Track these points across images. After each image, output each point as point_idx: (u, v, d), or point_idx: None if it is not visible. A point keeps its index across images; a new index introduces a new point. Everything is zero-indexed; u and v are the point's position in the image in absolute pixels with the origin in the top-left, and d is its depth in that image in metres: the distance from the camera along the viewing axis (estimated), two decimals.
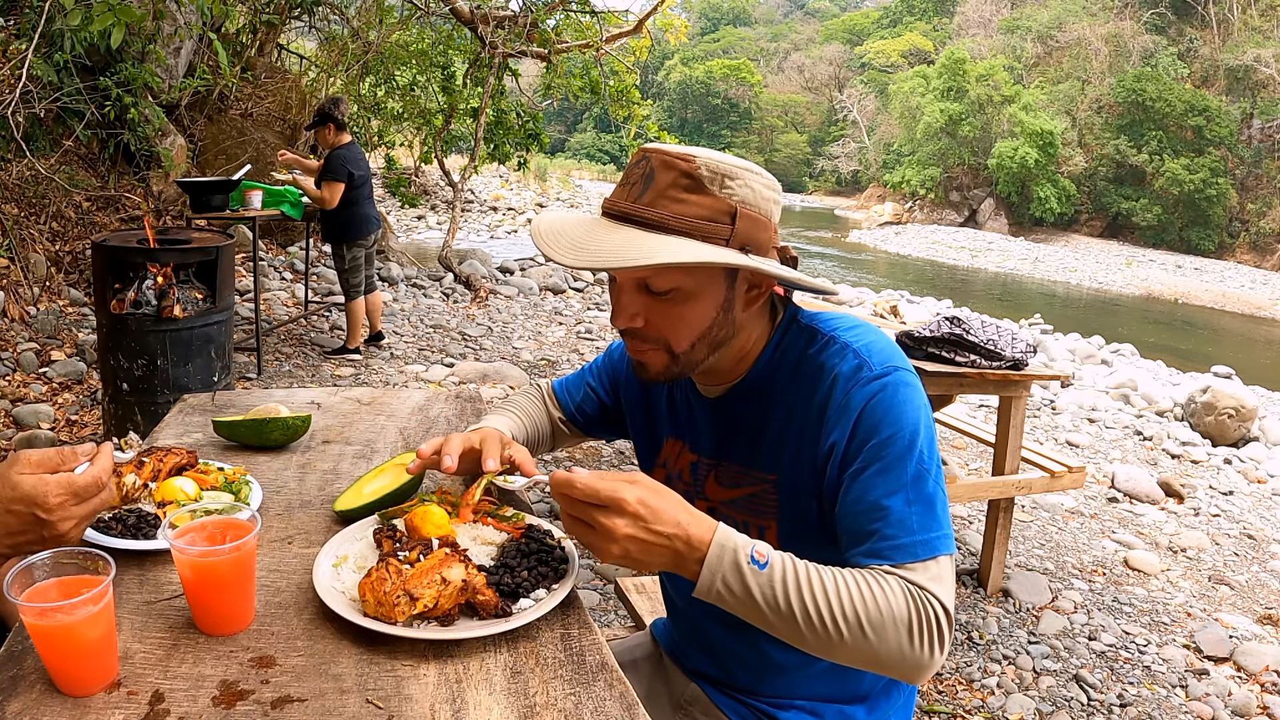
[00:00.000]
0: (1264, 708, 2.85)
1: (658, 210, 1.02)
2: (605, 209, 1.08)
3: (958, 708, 2.67)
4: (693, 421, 1.26)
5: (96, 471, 0.95)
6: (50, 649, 0.85)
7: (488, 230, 18.72)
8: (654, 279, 1.04)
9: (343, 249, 5.66)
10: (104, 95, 6.28)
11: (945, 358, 3.05)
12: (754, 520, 1.16)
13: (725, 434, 1.20)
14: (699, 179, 1.02)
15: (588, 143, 50.15)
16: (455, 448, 1.21)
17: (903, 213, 35.40)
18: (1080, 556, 3.89)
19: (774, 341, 1.16)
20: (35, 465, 0.93)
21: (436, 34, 10.50)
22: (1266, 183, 29.22)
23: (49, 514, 0.92)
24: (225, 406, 1.72)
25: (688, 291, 1.05)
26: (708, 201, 1.02)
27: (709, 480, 1.22)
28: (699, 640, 1.32)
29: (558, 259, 1.02)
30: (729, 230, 1.02)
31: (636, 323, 1.08)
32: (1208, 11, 32.61)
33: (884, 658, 0.94)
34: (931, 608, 0.95)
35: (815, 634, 0.94)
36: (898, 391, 1.04)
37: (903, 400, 1.04)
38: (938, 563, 0.98)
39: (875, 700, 1.25)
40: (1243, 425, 6.34)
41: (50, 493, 0.92)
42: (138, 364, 3.55)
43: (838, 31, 52.73)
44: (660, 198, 1.02)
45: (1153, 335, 14.77)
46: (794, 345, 1.14)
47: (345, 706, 0.85)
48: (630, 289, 1.07)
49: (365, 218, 5.67)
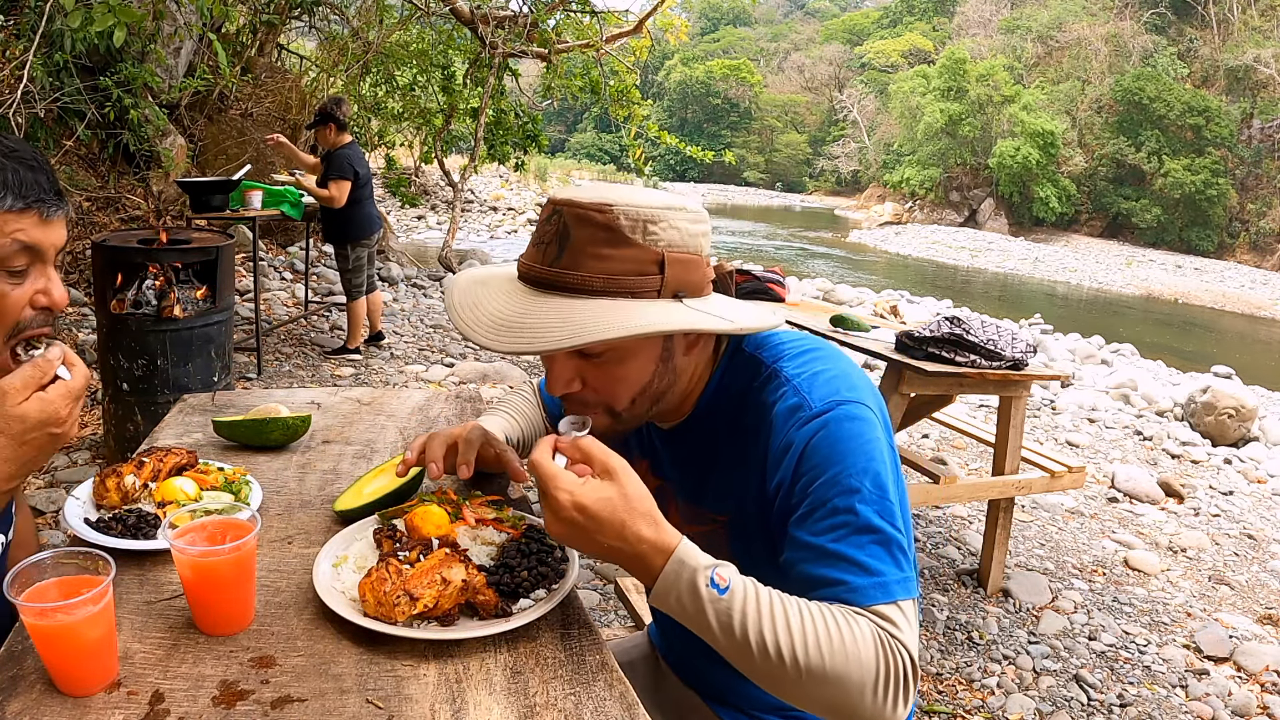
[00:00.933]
0: (1264, 708, 2.85)
1: (578, 273, 0.94)
2: (521, 273, 1.00)
3: (958, 708, 2.67)
4: (654, 447, 1.21)
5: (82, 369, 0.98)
6: (50, 649, 0.85)
7: (487, 230, 18.73)
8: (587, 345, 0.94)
9: (346, 249, 5.65)
10: (104, 95, 6.28)
11: (945, 358, 3.05)
12: None
13: (681, 468, 1.16)
14: (618, 230, 0.94)
15: (588, 143, 50.17)
16: (438, 452, 1.20)
17: (903, 213, 35.40)
18: (1080, 556, 3.89)
19: (717, 375, 1.09)
20: (22, 389, 0.95)
21: (436, 34, 10.49)
22: (1266, 183, 29.22)
23: (62, 426, 0.95)
24: (225, 406, 1.72)
25: (624, 351, 0.98)
26: (631, 253, 0.94)
27: (671, 508, 1.15)
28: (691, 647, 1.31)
29: (478, 340, 0.94)
30: (659, 280, 0.95)
31: (574, 387, 1.01)
32: (1208, 11, 32.61)
33: (840, 706, 0.86)
34: (900, 658, 0.86)
35: (770, 668, 0.86)
36: (840, 427, 0.95)
37: (846, 437, 0.95)
38: (899, 608, 0.90)
39: None
40: (1243, 425, 6.34)
41: (59, 408, 0.95)
42: (138, 364, 3.55)
43: (838, 31, 52.74)
44: (580, 256, 0.94)
45: (1153, 335, 14.77)
46: (736, 379, 1.07)
47: (345, 706, 0.85)
48: (562, 357, 1.00)
49: (368, 217, 5.67)
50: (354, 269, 5.70)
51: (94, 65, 6.30)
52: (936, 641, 3.02)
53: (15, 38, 5.41)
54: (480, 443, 1.23)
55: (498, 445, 1.25)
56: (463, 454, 1.20)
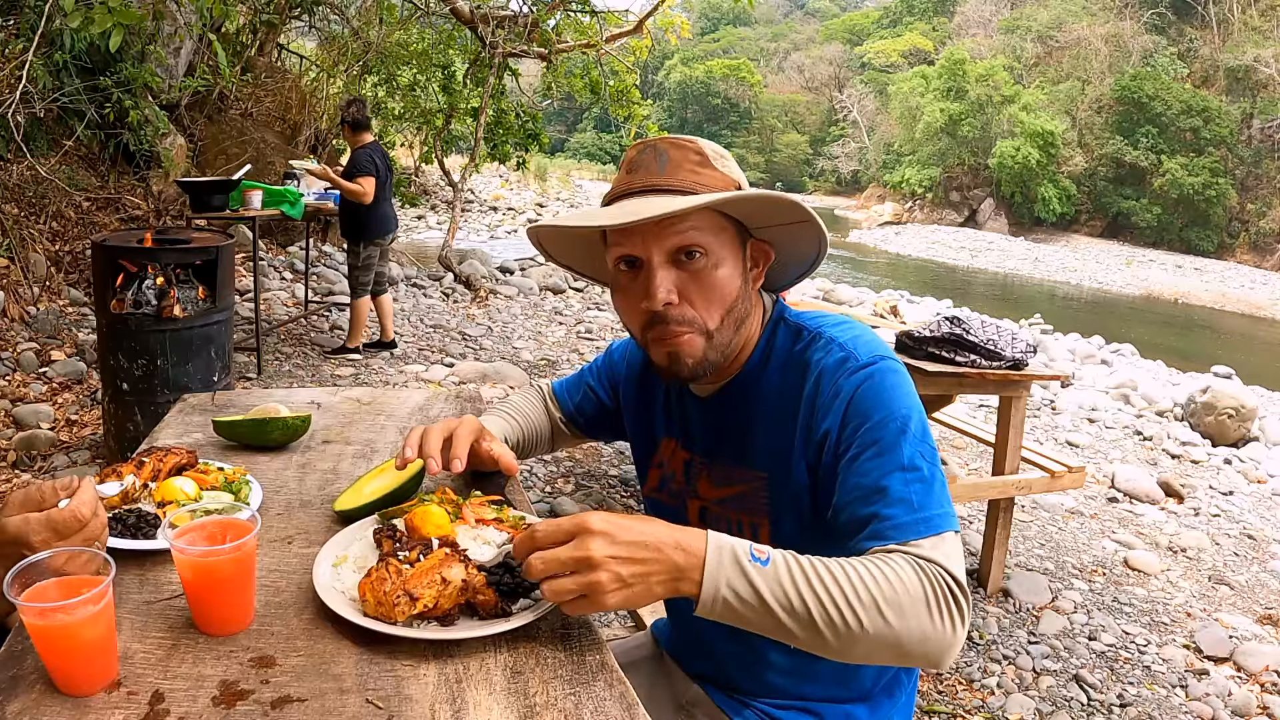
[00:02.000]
0: (1264, 708, 2.85)
1: (682, 181, 1.06)
2: (621, 191, 1.09)
3: (958, 708, 2.67)
4: (685, 420, 1.26)
5: (74, 505, 0.95)
6: (50, 649, 0.85)
7: (488, 230, 18.73)
8: (690, 240, 1.05)
9: (359, 246, 5.71)
10: (104, 95, 6.28)
11: (945, 358, 3.05)
12: (746, 518, 1.16)
13: (717, 433, 1.21)
14: (704, 155, 1.09)
15: (588, 143, 50.14)
16: (435, 447, 1.20)
17: (903, 213, 35.40)
18: (1080, 556, 3.89)
19: (764, 339, 1.17)
20: (18, 506, 0.94)
21: (437, 34, 10.50)
22: (1266, 183, 29.21)
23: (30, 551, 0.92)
24: (225, 406, 1.72)
25: (716, 257, 1.07)
26: (717, 175, 1.08)
27: (701, 479, 1.23)
28: (699, 643, 1.32)
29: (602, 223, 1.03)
30: None
31: (673, 296, 1.07)
32: (1207, 11, 32.60)
33: (907, 641, 0.90)
34: (943, 579, 0.92)
35: (835, 629, 0.88)
36: (885, 378, 1.05)
37: (891, 386, 1.04)
38: (942, 539, 0.96)
39: (877, 700, 1.24)
40: (1243, 425, 6.34)
41: (32, 531, 0.93)
42: (138, 364, 3.55)
43: (838, 31, 52.70)
44: (679, 170, 1.07)
45: (1153, 335, 14.76)
46: (781, 343, 1.16)
47: (345, 706, 0.85)
48: (664, 263, 1.06)
49: (385, 217, 5.78)
50: (363, 266, 5.76)
51: (94, 65, 6.30)
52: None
53: (15, 37, 5.41)
54: (474, 436, 1.22)
55: (491, 439, 1.25)
56: (456, 448, 1.19)
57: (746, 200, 1.04)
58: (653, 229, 1.05)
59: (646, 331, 1.10)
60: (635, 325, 1.12)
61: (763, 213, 1.09)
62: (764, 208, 1.07)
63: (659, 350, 1.10)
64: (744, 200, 1.04)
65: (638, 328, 1.12)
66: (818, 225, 1.10)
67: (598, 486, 3.96)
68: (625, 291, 1.11)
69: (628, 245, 1.07)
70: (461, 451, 1.19)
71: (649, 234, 1.05)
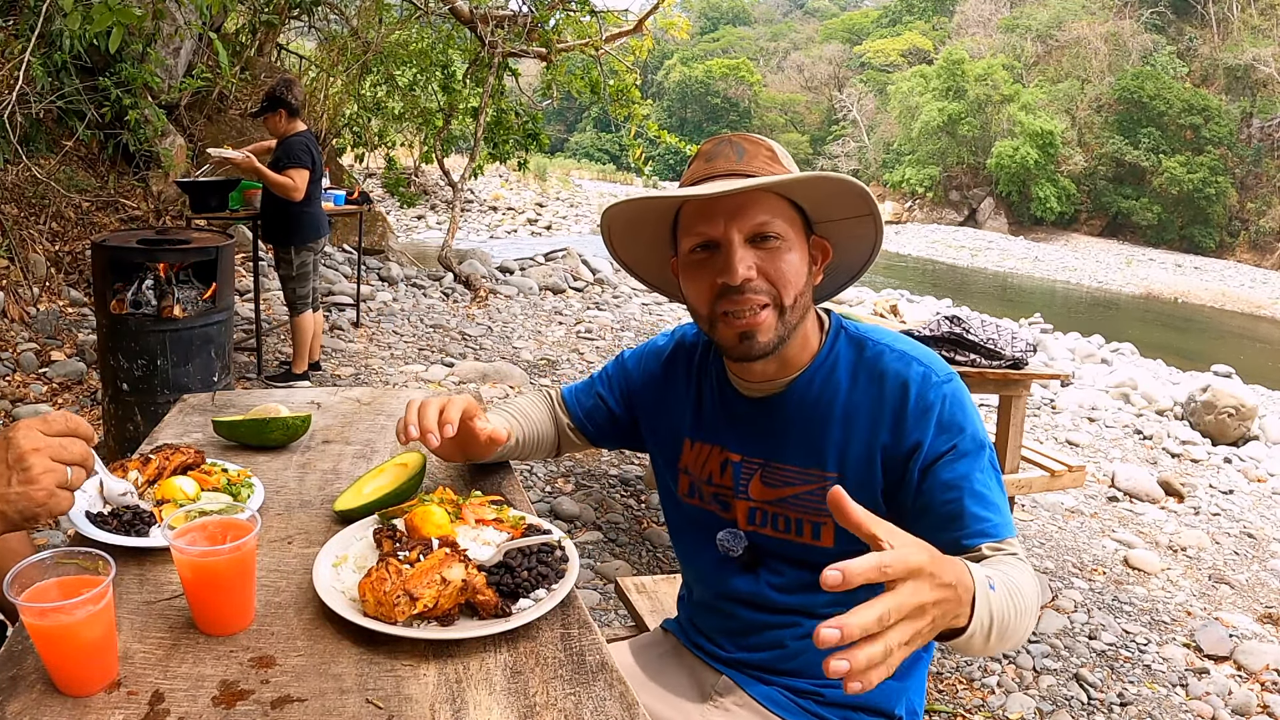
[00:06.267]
0: (1264, 706, 2.85)
1: (759, 170, 1.14)
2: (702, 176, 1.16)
3: (958, 707, 2.67)
4: (731, 422, 1.27)
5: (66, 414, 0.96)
6: (50, 649, 0.85)
7: (487, 230, 18.74)
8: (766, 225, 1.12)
9: (290, 252, 4.86)
10: (103, 95, 6.28)
11: (945, 357, 3.04)
12: (809, 517, 1.19)
13: (778, 434, 1.23)
14: (775, 153, 1.18)
15: (587, 142, 50.13)
16: (431, 420, 1.19)
17: (902, 212, 35.41)
18: (1080, 555, 3.89)
19: (827, 346, 1.23)
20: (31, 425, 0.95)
21: (436, 34, 10.49)
22: (1266, 182, 29.22)
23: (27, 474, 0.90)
24: (225, 406, 1.72)
25: (789, 240, 1.15)
26: (786, 172, 1.16)
27: (754, 480, 1.24)
28: (728, 628, 1.32)
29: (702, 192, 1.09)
30: None
31: (752, 272, 1.12)
32: (1207, 10, 32.62)
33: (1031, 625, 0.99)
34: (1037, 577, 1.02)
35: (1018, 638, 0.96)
36: (962, 391, 1.17)
37: (966, 399, 1.17)
38: (1019, 538, 1.10)
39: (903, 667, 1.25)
40: (1243, 424, 6.34)
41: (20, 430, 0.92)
42: (138, 364, 3.55)
43: (837, 31, 52.68)
44: (755, 160, 1.16)
45: (1153, 334, 14.77)
46: (845, 350, 1.22)
47: (345, 706, 0.85)
48: (741, 242, 1.12)
49: (318, 217, 4.94)
50: (299, 276, 4.91)
51: (93, 65, 6.30)
52: (936, 640, 3.02)
53: (14, 37, 5.41)
54: (466, 404, 1.23)
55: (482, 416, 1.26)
56: (448, 414, 1.20)
57: (824, 182, 1.11)
58: (734, 212, 1.12)
59: (717, 306, 1.15)
60: (704, 302, 1.17)
61: (832, 201, 1.16)
62: (836, 194, 1.14)
63: (729, 329, 1.15)
64: (822, 181, 1.11)
65: (706, 304, 1.17)
66: (877, 220, 1.18)
67: (598, 486, 3.96)
68: (698, 271, 1.17)
69: (708, 228, 1.14)
70: (453, 417, 1.20)
71: (730, 216, 1.12)
